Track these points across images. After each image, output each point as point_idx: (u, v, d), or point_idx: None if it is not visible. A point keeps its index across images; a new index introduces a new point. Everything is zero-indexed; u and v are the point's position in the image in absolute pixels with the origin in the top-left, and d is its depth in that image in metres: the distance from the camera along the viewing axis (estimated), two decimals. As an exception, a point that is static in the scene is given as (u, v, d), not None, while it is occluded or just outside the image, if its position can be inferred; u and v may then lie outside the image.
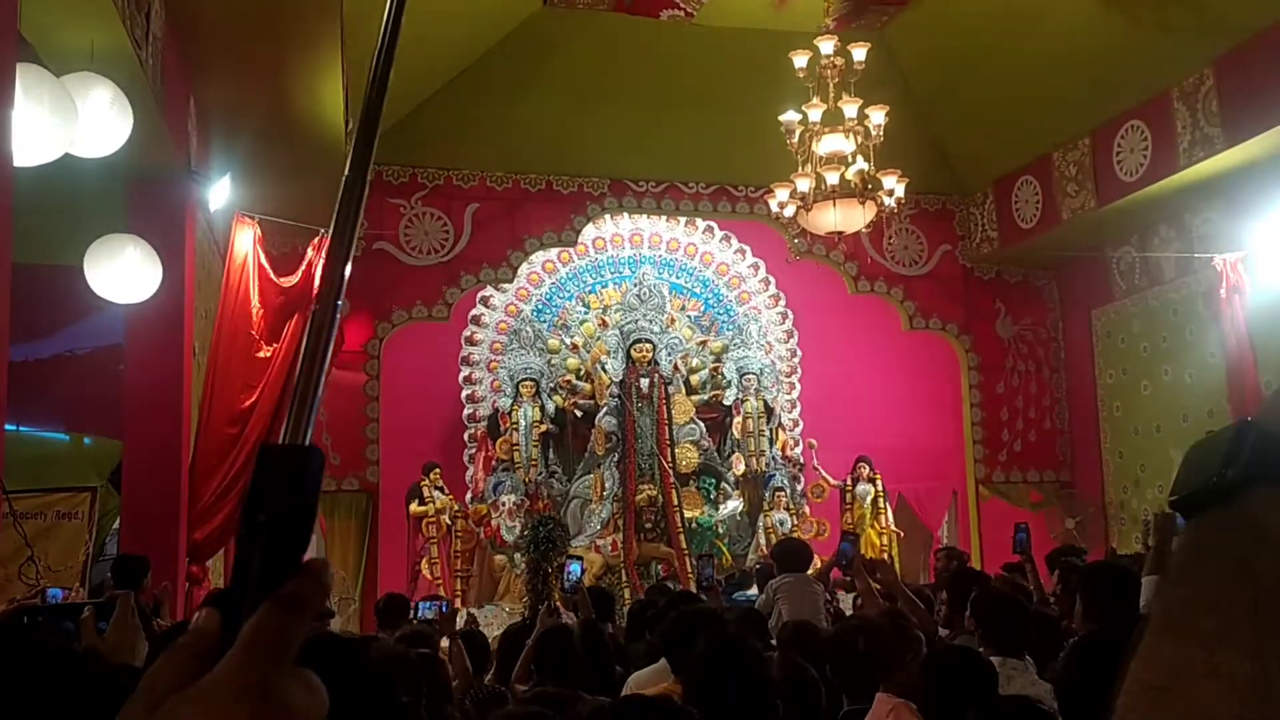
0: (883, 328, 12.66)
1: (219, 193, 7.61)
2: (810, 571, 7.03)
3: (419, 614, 6.20)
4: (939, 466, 12.66)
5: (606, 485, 11.20)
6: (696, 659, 3.09)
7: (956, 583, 5.37)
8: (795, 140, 9.03)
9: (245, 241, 8.06)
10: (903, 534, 11.76)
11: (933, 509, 12.64)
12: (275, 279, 8.22)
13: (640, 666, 4.52)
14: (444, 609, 6.37)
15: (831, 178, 8.91)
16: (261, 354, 7.97)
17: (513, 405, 11.34)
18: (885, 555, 10.98)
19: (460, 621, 6.81)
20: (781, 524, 11.26)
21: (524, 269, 11.91)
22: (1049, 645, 4.18)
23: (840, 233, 9.36)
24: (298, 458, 0.58)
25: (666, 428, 11.34)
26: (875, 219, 9.48)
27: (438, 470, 11.03)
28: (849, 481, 11.65)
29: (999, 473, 12.56)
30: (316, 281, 8.18)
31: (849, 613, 6.68)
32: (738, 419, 11.67)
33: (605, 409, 11.36)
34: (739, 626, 4.27)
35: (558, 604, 5.61)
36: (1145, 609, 4.43)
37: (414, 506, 10.91)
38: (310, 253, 8.53)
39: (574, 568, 5.25)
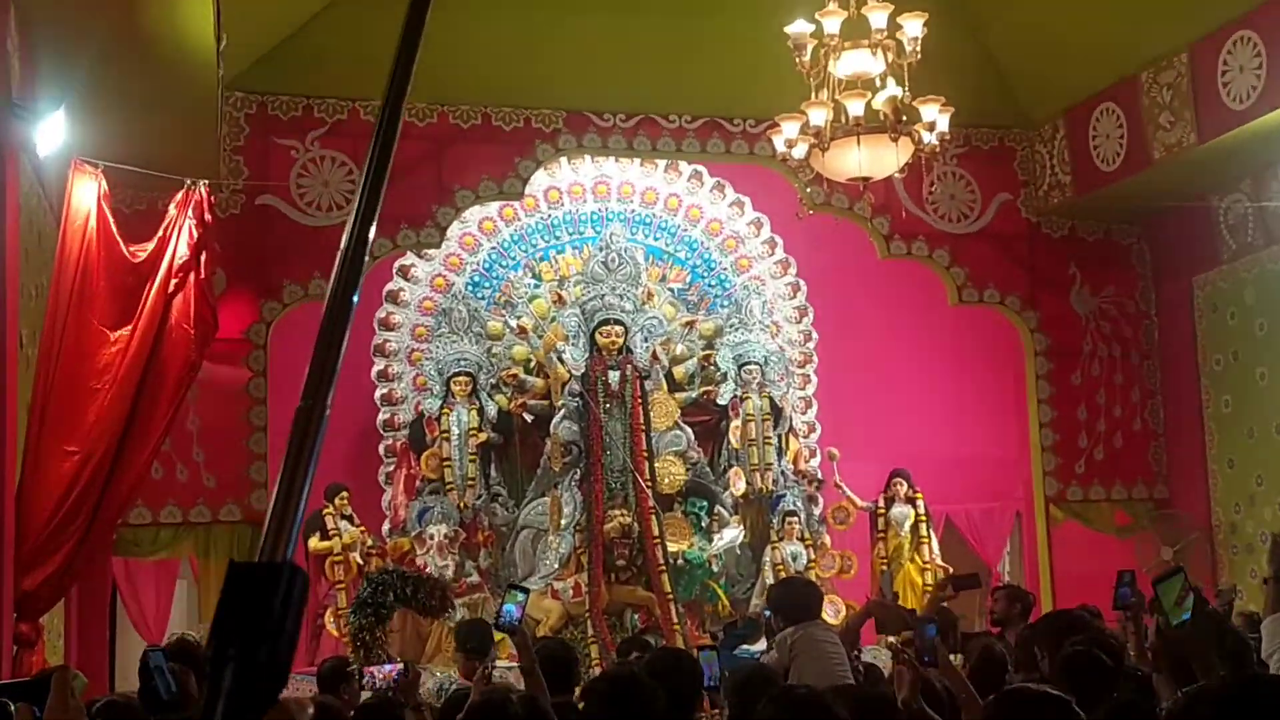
0: (924, 302, 12.72)
1: (50, 133, 7.54)
2: (837, 623, 7.09)
3: (367, 681, 5.96)
4: (997, 482, 12.74)
5: (566, 511, 11.22)
6: None
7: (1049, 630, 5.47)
8: (807, 59, 9.04)
9: (86, 196, 8.02)
10: (952, 569, 11.84)
11: (990, 536, 12.71)
12: (126, 245, 8.18)
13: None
14: (403, 674, 6.20)
15: (855, 107, 8.93)
16: (110, 344, 7.93)
17: (442, 408, 11.34)
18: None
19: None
20: (795, 558, 11.31)
21: (455, 229, 11.89)
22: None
23: (867, 179, 9.39)
24: (273, 578, 0.61)
25: (644, 435, 11.37)
26: (912, 160, 9.52)
27: (345, 494, 11.02)
28: (881, 503, 11.71)
29: (1075, 488, 12.64)
30: (180, 251, 8.13)
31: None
32: (736, 423, 11.71)
33: (563, 412, 11.37)
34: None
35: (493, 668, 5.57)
36: (1267, 657, 4.46)
37: (314, 541, 10.89)
38: (173, 210, 8.48)
39: (508, 607, 4.92)
